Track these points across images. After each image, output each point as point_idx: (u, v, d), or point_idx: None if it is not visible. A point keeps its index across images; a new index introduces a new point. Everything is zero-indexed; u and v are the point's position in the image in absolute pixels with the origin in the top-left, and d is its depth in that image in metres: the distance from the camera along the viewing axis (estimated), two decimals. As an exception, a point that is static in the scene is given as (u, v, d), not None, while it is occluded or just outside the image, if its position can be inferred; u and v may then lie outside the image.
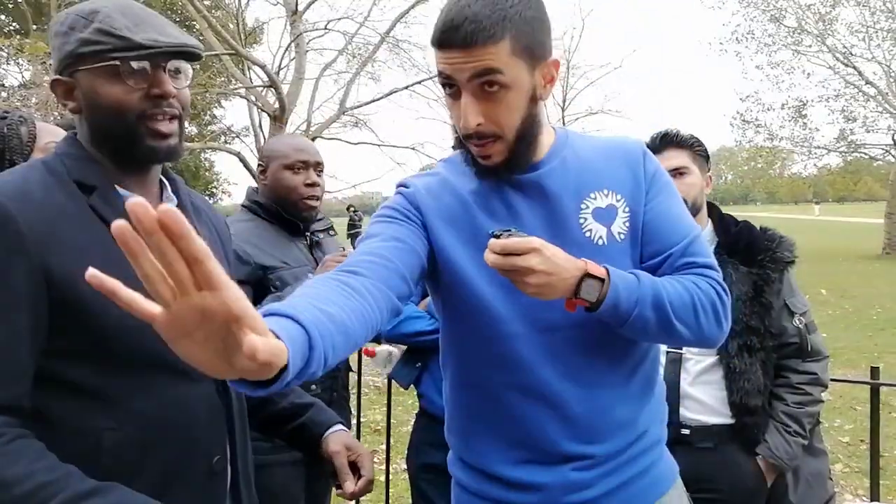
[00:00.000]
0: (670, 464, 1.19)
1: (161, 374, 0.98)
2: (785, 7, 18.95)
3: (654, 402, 1.17)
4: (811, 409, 1.80)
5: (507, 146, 1.03)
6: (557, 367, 1.07)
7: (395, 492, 3.34)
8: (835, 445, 4.05)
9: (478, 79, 0.98)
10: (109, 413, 0.94)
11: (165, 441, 0.98)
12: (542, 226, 1.07)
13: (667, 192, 1.12)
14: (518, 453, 1.09)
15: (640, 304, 1.00)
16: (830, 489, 1.92)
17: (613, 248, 1.08)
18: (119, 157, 1.04)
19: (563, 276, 0.96)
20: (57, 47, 1.01)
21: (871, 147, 20.16)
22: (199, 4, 11.24)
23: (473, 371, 1.13)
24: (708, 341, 1.09)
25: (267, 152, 1.95)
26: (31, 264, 0.89)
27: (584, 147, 1.14)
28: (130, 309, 0.55)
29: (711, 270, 1.09)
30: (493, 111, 1.00)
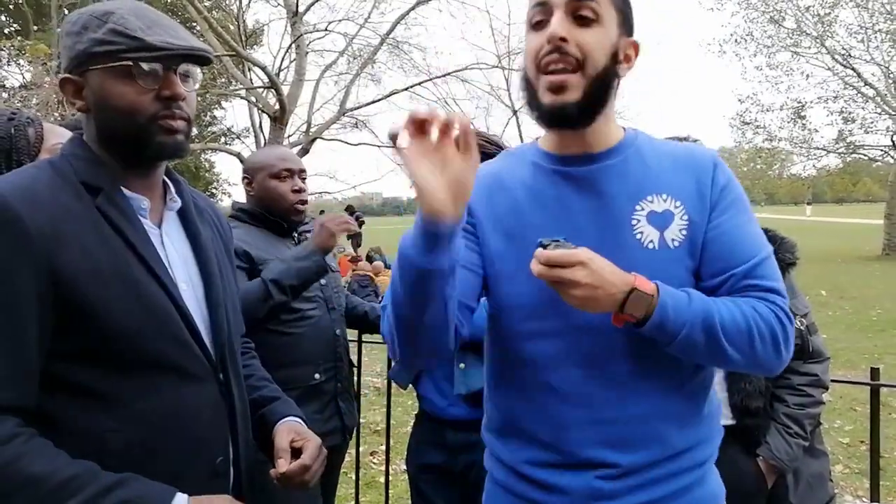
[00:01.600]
0: (714, 490, 1.13)
1: (164, 376, 0.99)
2: (784, 9, 18.97)
3: (701, 422, 1.10)
4: (812, 410, 1.80)
5: (584, 83, 1.00)
6: (591, 370, 1.04)
7: (394, 492, 3.33)
8: (835, 446, 4.04)
9: (575, 2, 0.99)
10: (113, 414, 0.94)
11: (169, 442, 0.98)
12: (591, 224, 1.05)
13: (736, 208, 1.07)
14: (545, 455, 1.08)
15: (688, 325, 0.97)
16: (831, 490, 1.92)
17: (664, 254, 1.04)
18: (126, 157, 1.04)
19: (610, 290, 0.94)
20: (68, 46, 1.01)
21: (870, 148, 20.17)
22: (200, 6, 11.24)
23: (509, 368, 1.12)
24: (763, 369, 1.05)
25: (251, 165, 2.05)
26: (38, 265, 0.90)
27: (651, 149, 1.10)
28: None
29: (775, 295, 1.03)
30: (582, 36, 0.99)
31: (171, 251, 1.08)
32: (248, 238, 1.90)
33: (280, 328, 1.85)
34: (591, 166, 1.07)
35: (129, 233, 0.99)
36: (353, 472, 2.80)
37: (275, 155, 2.05)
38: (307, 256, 1.85)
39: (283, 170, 1.99)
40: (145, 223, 1.05)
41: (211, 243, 1.15)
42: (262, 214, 2.00)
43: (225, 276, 1.16)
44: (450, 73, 14.67)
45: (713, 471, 1.14)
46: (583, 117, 1.02)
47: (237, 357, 1.15)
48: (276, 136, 12.86)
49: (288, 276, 1.81)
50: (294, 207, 2.01)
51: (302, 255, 1.85)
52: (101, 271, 0.94)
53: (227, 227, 1.29)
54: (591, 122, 1.04)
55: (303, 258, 1.85)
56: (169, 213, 1.11)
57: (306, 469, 1.12)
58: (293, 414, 1.23)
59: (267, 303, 1.78)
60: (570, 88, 1.00)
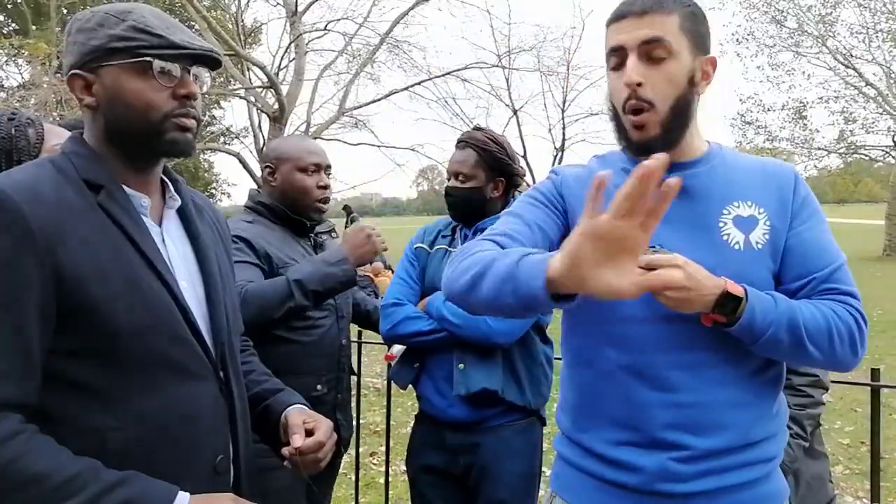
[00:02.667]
0: (781, 488, 1.17)
1: (165, 374, 0.99)
2: (786, 8, 18.97)
3: (774, 417, 1.16)
4: (812, 410, 1.80)
5: (661, 119, 1.09)
6: (673, 355, 1.10)
7: (394, 493, 3.33)
8: (835, 447, 4.04)
9: (647, 45, 1.08)
10: (113, 413, 0.95)
11: (169, 441, 0.99)
12: (682, 224, 1.12)
13: (815, 219, 1.15)
14: (621, 434, 1.13)
15: (774, 325, 1.03)
16: (831, 491, 1.92)
17: (749, 254, 1.11)
18: (132, 155, 1.05)
19: (703, 292, 1.00)
20: (80, 42, 1.01)
21: (871, 148, 20.17)
22: (199, 5, 11.24)
23: (590, 348, 1.18)
24: (840, 366, 1.11)
25: (276, 154, 1.92)
26: (41, 262, 0.90)
27: (735, 161, 1.19)
28: None
29: (853, 298, 1.10)
30: (654, 77, 1.08)
31: (171, 249, 1.08)
32: (269, 237, 1.82)
33: (289, 335, 1.78)
34: (680, 173, 1.12)
35: (130, 230, 1.00)
36: (352, 472, 2.80)
37: (304, 147, 1.93)
38: (337, 263, 1.75)
39: (312, 164, 1.89)
40: (146, 221, 1.05)
41: (211, 242, 1.16)
42: (283, 211, 1.89)
43: (224, 275, 1.17)
44: (450, 73, 14.68)
45: (779, 470, 1.19)
46: (666, 146, 1.09)
47: (237, 356, 1.16)
48: (276, 135, 12.85)
49: (313, 281, 1.71)
50: (317, 203, 1.91)
51: (332, 261, 1.75)
52: (103, 268, 0.94)
53: (226, 226, 1.29)
54: (678, 144, 1.13)
55: (333, 264, 1.75)
56: (169, 211, 1.12)
57: (321, 446, 1.14)
58: (299, 402, 1.25)
59: (286, 304, 1.68)
60: (650, 126, 1.10)
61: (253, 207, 1.92)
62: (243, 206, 1.98)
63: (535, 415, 1.86)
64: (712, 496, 1.09)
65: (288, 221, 1.91)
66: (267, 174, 1.92)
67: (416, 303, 1.89)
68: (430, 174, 29.04)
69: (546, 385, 1.87)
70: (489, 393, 1.75)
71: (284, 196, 1.90)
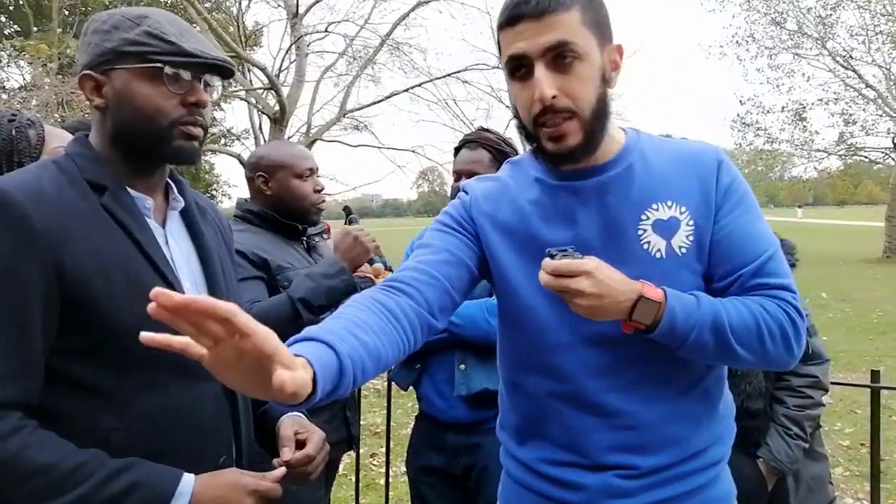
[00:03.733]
0: (727, 489, 1.15)
1: (168, 374, 0.99)
2: (785, 10, 18.98)
3: (716, 422, 1.12)
4: (812, 412, 1.80)
5: (582, 124, 1.00)
6: (606, 380, 1.06)
7: (394, 495, 3.33)
8: (835, 449, 4.03)
9: (551, 52, 0.97)
10: (116, 412, 0.95)
11: (173, 441, 0.99)
12: (598, 235, 1.06)
13: (742, 207, 1.07)
14: (563, 455, 1.10)
15: (697, 328, 0.98)
16: (831, 493, 1.92)
17: (672, 261, 1.05)
18: (136, 158, 1.05)
19: (617, 298, 0.96)
20: (94, 43, 1.02)
21: (871, 150, 20.17)
22: (200, 7, 11.25)
23: (522, 376, 1.14)
24: (775, 365, 1.06)
25: (269, 162, 1.92)
26: (44, 262, 0.90)
27: (654, 152, 1.10)
28: (185, 352, 0.66)
29: (785, 292, 1.03)
30: (568, 83, 0.98)
31: (175, 250, 1.08)
32: (262, 244, 1.81)
33: None
34: (595, 179, 1.07)
35: (134, 231, 1.00)
36: (353, 474, 2.80)
37: (295, 153, 1.94)
38: (336, 275, 1.73)
39: (307, 169, 1.91)
40: (150, 222, 1.05)
41: (213, 244, 1.16)
42: (273, 216, 1.89)
43: (227, 276, 1.17)
44: (450, 75, 14.67)
45: (726, 470, 1.16)
46: (588, 153, 1.04)
47: None
48: (276, 137, 12.85)
49: (317, 297, 1.69)
50: (315, 207, 1.93)
51: (331, 273, 1.74)
52: (106, 269, 0.94)
53: (229, 227, 1.29)
54: (597, 149, 1.05)
55: (332, 276, 1.73)
56: (172, 212, 1.12)
57: (310, 459, 1.12)
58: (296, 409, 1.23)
59: (296, 323, 1.66)
60: (571, 136, 1.01)
61: (241, 216, 1.92)
62: (232, 216, 1.96)
63: (536, 416, 1.86)
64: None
65: (279, 227, 1.91)
66: (261, 183, 1.91)
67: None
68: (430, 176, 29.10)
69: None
70: (490, 393, 1.75)
71: (281, 203, 1.90)
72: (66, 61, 10.17)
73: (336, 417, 1.88)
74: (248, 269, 1.74)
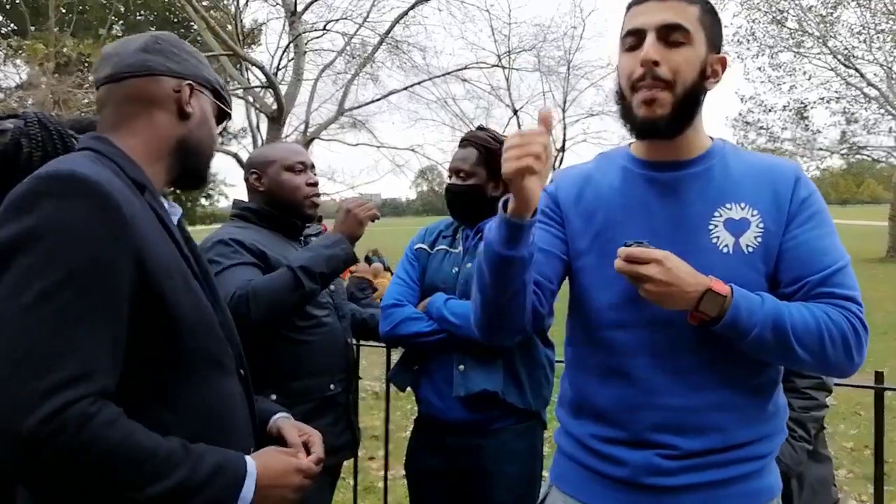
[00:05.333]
0: (770, 483, 1.18)
1: (211, 369, 1.02)
2: (786, 8, 18.98)
3: (766, 419, 1.16)
4: (816, 413, 1.79)
5: (674, 99, 1.09)
6: (658, 359, 1.13)
7: (393, 498, 3.31)
8: (839, 451, 4.03)
9: (665, 29, 1.08)
10: (173, 407, 0.95)
11: (217, 433, 1.00)
12: (669, 225, 1.14)
13: (815, 221, 1.13)
14: (609, 431, 1.17)
15: (760, 325, 1.04)
16: (835, 495, 1.92)
17: (738, 258, 1.11)
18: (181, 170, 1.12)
19: (685, 288, 1.03)
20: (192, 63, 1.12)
21: (874, 149, 20.17)
22: (198, 5, 11.23)
23: (587, 351, 1.22)
24: (835, 371, 1.11)
25: (261, 159, 1.93)
26: (131, 253, 0.90)
27: (735, 160, 1.18)
28: None
29: (850, 303, 1.08)
30: (672, 57, 1.08)
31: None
32: (261, 239, 1.80)
33: (295, 335, 1.77)
34: (677, 173, 1.16)
35: (174, 232, 1.03)
36: (351, 477, 2.78)
37: (286, 148, 1.97)
38: (335, 244, 1.76)
39: (298, 162, 1.90)
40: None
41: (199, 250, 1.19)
42: (271, 213, 1.89)
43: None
44: (450, 73, 14.69)
45: (773, 466, 1.20)
46: (672, 130, 1.12)
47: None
48: (274, 136, 12.86)
49: (318, 264, 1.71)
50: (308, 200, 1.91)
51: (329, 244, 1.77)
52: (168, 264, 0.96)
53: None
54: (681, 133, 1.13)
55: (330, 246, 1.76)
56: (173, 219, 1.14)
57: (320, 461, 1.16)
58: (280, 410, 1.26)
59: (298, 291, 1.67)
60: (661, 104, 1.09)
61: (240, 215, 1.91)
62: (229, 216, 1.96)
63: (536, 417, 1.84)
64: (699, 490, 1.12)
65: (277, 224, 1.90)
66: (254, 180, 1.91)
67: (416, 304, 1.88)
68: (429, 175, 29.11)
69: (547, 388, 1.85)
70: (489, 394, 1.74)
71: (274, 198, 1.89)
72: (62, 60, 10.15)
73: (341, 421, 1.86)
74: (243, 255, 1.73)
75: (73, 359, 0.82)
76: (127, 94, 1.06)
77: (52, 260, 0.83)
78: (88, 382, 0.83)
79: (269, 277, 1.68)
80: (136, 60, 1.06)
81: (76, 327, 0.83)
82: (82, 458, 0.81)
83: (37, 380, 0.79)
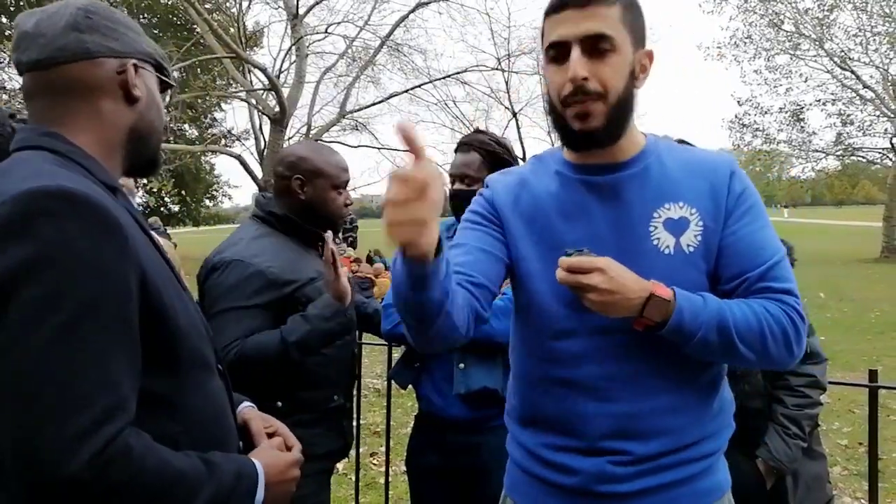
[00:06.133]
0: (719, 480, 1.18)
1: (203, 372, 0.98)
2: (783, 11, 19.00)
3: (711, 417, 1.16)
4: (810, 411, 1.81)
5: (607, 109, 1.06)
6: (607, 366, 1.12)
7: (394, 494, 3.33)
8: (833, 448, 4.04)
9: (589, 40, 1.04)
10: (178, 418, 0.92)
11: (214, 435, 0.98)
12: (610, 229, 1.12)
13: (752, 215, 1.12)
14: (563, 440, 1.16)
15: (704, 328, 1.04)
16: (829, 492, 1.93)
17: (680, 258, 1.10)
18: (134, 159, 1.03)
19: (628, 295, 1.02)
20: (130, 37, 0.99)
21: (869, 151, 20.19)
22: (200, 8, 11.24)
23: (529, 362, 1.21)
24: (776, 365, 1.12)
25: (310, 167, 1.82)
26: (136, 271, 0.85)
27: (670, 157, 1.16)
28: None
29: (788, 296, 1.09)
30: (600, 70, 1.05)
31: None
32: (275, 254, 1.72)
33: None
34: (613, 175, 1.13)
35: (150, 233, 0.97)
36: (353, 473, 2.80)
37: (337, 163, 1.86)
38: (334, 316, 1.67)
39: (345, 182, 1.86)
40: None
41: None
42: (296, 223, 1.82)
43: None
44: (450, 76, 14.70)
45: (721, 462, 1.20)
46: (609, 139, 1.10)
47: None
48: (277, 137, 12.87)
49: (313, 340, 1.65)
50: (341, 220, 1.90)
51: (328, 315, 1.66)
52: (160, 273, 0.91)
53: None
54: (619, 139, 1.11)
55: (329, 319, 1.66)
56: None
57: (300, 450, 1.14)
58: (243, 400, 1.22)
59: (280, 362, 1.63)
60: (595, 116, 1.07)
61: (263, 218, 1.83)
62: (251, 214, 1.90)
63: (536, 415, 1.86)
64: (650, 493, 1.11)
65: (298, 232, 1.83)
66: (297, 186, 1.80)
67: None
68: (429, 176, 28.84)
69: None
70: (489, 392, 1.75)
71: (311, 211, 1.82)
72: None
73: (334, 428, 1.84)
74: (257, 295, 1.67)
75: (104, 393, 0.77)
76: (65, 82, 0.92)
77: (62, 291, 0.76)
78: (122, 414, 0.79)
79: (262, 345, 1.62)
80: (70, 42, 0.92)
81: (100, 358, 0.78)
82: (128, 493, 0.78)
83: (72, 422, 0.74)
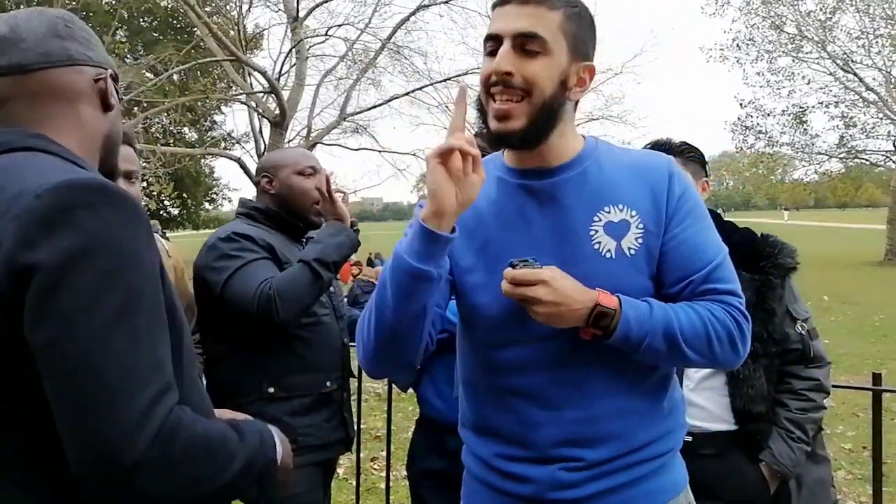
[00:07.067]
0: (674, 478, 1.19)
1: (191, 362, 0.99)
2: (785, 13, 19.02)
3: (661, 418, 1.16)
4: (814, 415, 1.80)
5: (530, 112, 1.05)
6: (554, 374, 1.11)
7: (395, 498, 3.32)
8: (837, 452, 4.03)
9: (521, 37, 1.04)
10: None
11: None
12: (550, 235, 1.11)
13: (693, 216, 1.12)
14: (514, 450, 1.15)
15: (650, 335, 1.04)
16: (833, 496, 1.92)
17: (621, 262, 1.10)
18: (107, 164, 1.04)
19: (573, 306, 1.02)
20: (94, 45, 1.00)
21: (872, 153, 20.19)
22: (200, 11, 11.28)
23: (479, 372, 1.20)
24: (723, 366, 1.13)
25: (272, 163, 1.98)
26: (158, 259, 0.88)
27: (610, 159, 1.15)
28: None
29: (732, 297, 1.10)
30: (527, 67, 1.04)
31: None
32: (266, 236, 1.84)
33: (297, 332, 1.80)
34: (552, 179, 1.12)
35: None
36: (353, 477, 2.80)
37: (297, 153, 2.02)
38: (338, 232, 1.83)
39: (308, 167, 1.94)
40: None
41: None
42: (278, 214, 1.93)
43: None
44: (450, 78, 14.71)
45: (677, 460, 1.21)
46: (527, 143, 1.09)
47: None
48: (277, 140, 12.90)
49: (329, 254, 1.77)
50: (315, 206, 1.95)
51: (333, 232, 1.82)
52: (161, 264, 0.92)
53: None
54: (538, 144, 1.09)
55: (335, 234, 1.82)
56: None
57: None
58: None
59: (317, 283, 1.73)
60: (515, 117, 1.05)
61: (246, 213, 1.94)
62: (235, 213, 1.99)
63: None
64: (603, 496, 1.11)
65: (282, 225, 1.93)
66: (265, 183, 1.95)
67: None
68: (430, 179, 28.95)
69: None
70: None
71: (283, 201, 1.93)
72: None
73: (335, 417, 1.89)
74: (257, 251, 1.77)
75: (157, 373, 0.81)
76: (48, 87, 0.93)
77: (112, 277, 0.79)
78: (172, 392, 0.82)
79: (288, 274, 1.72)
80: (54, 48, 0.94)
81: (149, 340, 0.81)
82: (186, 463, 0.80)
83: (138, 401, 0.77)
